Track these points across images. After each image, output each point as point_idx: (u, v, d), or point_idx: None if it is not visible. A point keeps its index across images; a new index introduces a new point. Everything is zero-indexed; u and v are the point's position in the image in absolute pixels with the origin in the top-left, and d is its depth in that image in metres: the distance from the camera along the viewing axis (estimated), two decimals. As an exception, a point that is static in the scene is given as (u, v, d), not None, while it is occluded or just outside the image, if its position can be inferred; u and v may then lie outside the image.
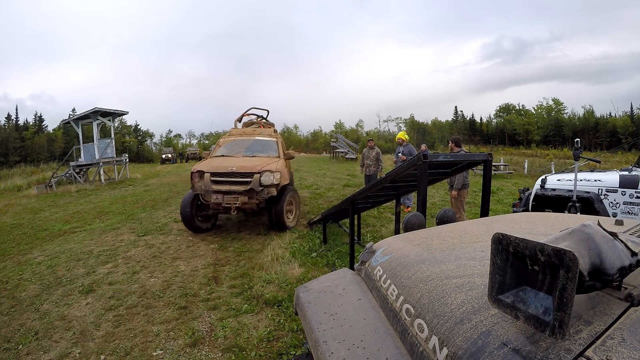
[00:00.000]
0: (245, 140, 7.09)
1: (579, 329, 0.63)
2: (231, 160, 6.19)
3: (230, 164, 5.81)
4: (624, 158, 22.27)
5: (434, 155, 2.69)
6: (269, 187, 5.50)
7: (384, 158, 9.12)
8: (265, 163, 5.83)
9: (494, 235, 0.63)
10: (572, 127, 52.14)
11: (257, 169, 5.56)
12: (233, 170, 5.57)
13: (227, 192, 5.43)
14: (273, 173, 5.57)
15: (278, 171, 5.65)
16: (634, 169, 4.44)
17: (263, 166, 5.65)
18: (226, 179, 5.55)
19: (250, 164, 5.74)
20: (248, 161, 6.01)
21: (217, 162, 6.14)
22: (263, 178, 5.45)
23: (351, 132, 58.58)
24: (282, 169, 5.82)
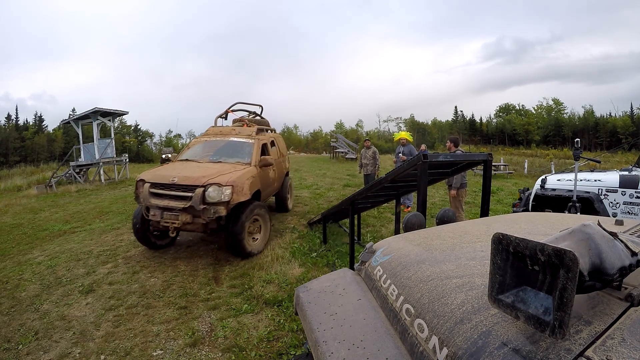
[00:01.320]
0: (218, 142, 5.95)
1: (579, 329, 0.63)
2: (182, 167, 5.07)
3: (175, 172, 4.65)
4: (624, 158, 22.27)
5: (434, 155, 2.69)
6: (216, 205, 4.21)
7: (381, 157, 9.13)
8: (217, 173, 4.55)
9: (494, 235, 0.63)
10: (572, 127, 52.14)
11: (201, 181, 4.28)
12: (174, 182, 4.36)
13: (165, 208, 4.28)
14: (222, 187, 4.23)
15: (230, 185, 4.30)
16: (634, 169, 4.44)
17: (211, 177, 4.35)
18: (166, 191, 4.39)
19: (197, 174, 4.49)
20: (199, 169, 4.76)
21: (162, 169, 5.10)
22: (209, 193, 4.20)
23: (351, 132, 58.56)
24: (239, 181, 4.48)
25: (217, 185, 4.28)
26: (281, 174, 6.96)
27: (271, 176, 6.03)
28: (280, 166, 6.91)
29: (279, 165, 6.76)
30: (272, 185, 6.14)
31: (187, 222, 4.26)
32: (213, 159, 5.46)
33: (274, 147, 6.73)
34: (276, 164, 6.37)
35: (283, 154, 7.39)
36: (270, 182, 6.02)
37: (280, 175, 6.83)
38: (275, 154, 6.63)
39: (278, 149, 6.99)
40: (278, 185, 6.81)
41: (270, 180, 6.01)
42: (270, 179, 5.96)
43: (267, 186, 5.75)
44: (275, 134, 7.53)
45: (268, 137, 6.46)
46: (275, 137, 7.09)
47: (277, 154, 6.84)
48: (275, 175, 6.37)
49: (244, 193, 4.49)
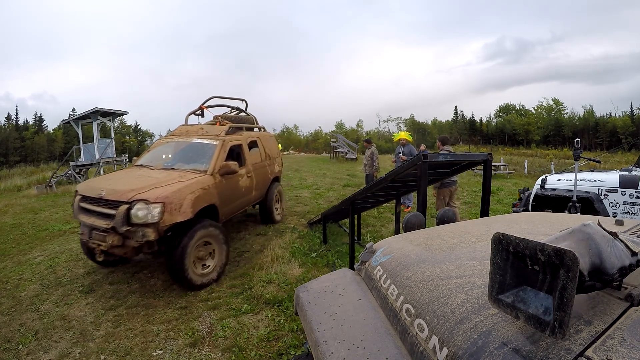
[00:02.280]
0: (180, 144, 5.15)
1: (579, 328, 0.63)
2: (121, 176, 4.37)
3: (107, 183, 3.91)
4: (624, 158, 22.27)
5: (434, 155, 2.69)
6: (144, 227, 3.35)
7: (381, 157, 9.20)
8: (151, 185, 3.68)
9: (494, 235, 0.63)
10: (572, 127, 52.14)
11: (127, 196, 3.44)
12: (101, 196, 3.62)
13: (92, 226, 3.58)
14: (149, 205, 3.35)
15: (159, 202, 3.38)
16: (634, 169, 4.44)
17: (139, 192, 3.50)
18: (93, 207, 3.67)
19: (127, 187, 3.65)
20: (135, 180, 3.93)
21: (99, 179, 4.49)
22: (135, 212, 3.33)
23: (351, 132, 58.59)
24: (175, 197, 3.54)
25: (144, 202, 3.36)
26: (264, 179, 5.96)
27: (243, 185, 5.06)
28: (264, 171, 5.94)
29: (261, 170, 5.82)
30: (245, 195, 5.17)
31: (116, 244, 3.38)
32: (167, 166, 4.63)
33: (255, 148, 5.83)
34: (255, 168, 5.54)
35: (271, 156, 6.38)
36: (242, 192, 5.04)
37: (262, 182, 5.85)
38: (257, 157, 5.80)
39: (263, 151, 6.08)
40: (260, 194, 5.83)
41: (242, 190, 5.04)
42: (240, 189, 4.98)
43: (233, 198, 4.77)
44: (263, 133, 6.50)
45: (245, 137, 5.46)
46: (259, 137, 6.09)
47: (262, 156, 6.00)
48: (253, 183, 5.41)
49: (181, 212, 3.54)
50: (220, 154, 4.62)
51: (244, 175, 5.11)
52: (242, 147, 5.32)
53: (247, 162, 5.32)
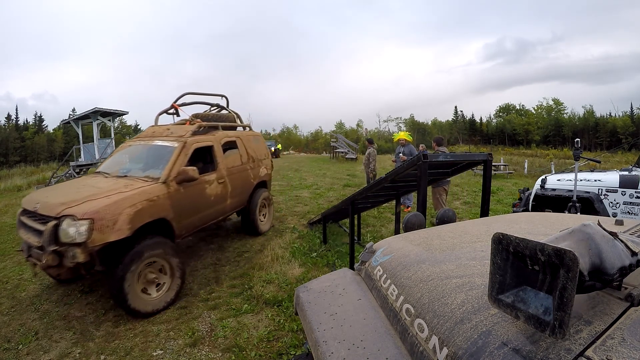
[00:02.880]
0: (141, 147, 4.63)
1: (579, 328, 0.63)
2: (67, 186, 3.89)
3: (44, 195, 3.55)
4: (624, 158, 22.26)
5: (434, 155, 2.70)
6: (74, 246, 2.88)
7: (381, 157, 9.27)
8: (85, 197, 3.19)
9: (494, 235, 0.63)
10: (572, 127, 52.14)
11: (57, 210, 3.02)
12: (36, 209, 3.23)
13: (28, 243, 3.18)
14: (77, 222, 2.89)
15: (88, 218, 2.90)
16: (634, 169, 4.44)
17: (70, 205, 3.04)
18: (30, 221, 3.30)
19: (61, 199, 3.21)
20: (74, 192, 3.43)
21: (41, 191, 4.05)
22: (63, 229, 2.90)
23: (351, 132, 58.60)
24: (107, 212, 3.02)
25: (72, 218, 2.91)
26: (245, 185, 5.25)
27: (212, 192, 4.42)
28: (244, 175, 5.23)
29: (241, 175, 5.14)
30: (216, 205, 4.52)
31: (51, 264, 2.92)
32: (122, 172, 4.11)
33: (233, 149, 5.17)
34: (232, 173, 4.88)
35: (255, 159, 5.61)
36: (211, 201, 4.39)
37: (242, 188, 5.16)
38: (236, 159, 5.12)
39: (245, 152, 5.38)
40: (239, 201, 5.15)
41: (211, 199, 4.39)
42: (208, 197, 4.34)
43: (197, 209, 4.13)
44: (246, 132, 5.79)
45: (218, 138, 4.83)
46: (240, 137, 5.40)
47: (243, 158, 5.30)
48: (227, 190, 4.73)
49: (115, 229, 3.01)
50: (178, 158, 3.98)
51: (213, 181, 4.45)
52: (214, 148, 4.67)
53: (220, 166, 4.66)
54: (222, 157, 4.77)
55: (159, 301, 3.33)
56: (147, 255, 3.24)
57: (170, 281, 3.48)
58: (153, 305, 3.27)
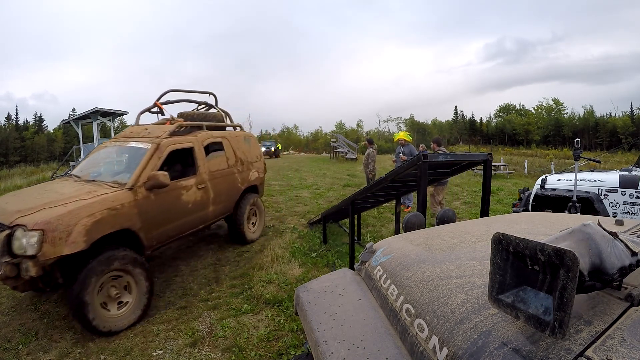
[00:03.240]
0: (115, 149, 4.34)
1: (579, 328, 0.63)
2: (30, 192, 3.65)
3: (4, 202, 3.32)
4: (624, 158, 22.26)
5: (434, 155, 2.70)
6: (26, 258, 2.64)
7: (381, 157, 9.30)
8: (41, 205, 2.94)
9: (494, 235, 0.63)
10: (572, 127, 52.18)
11: (10, 219, 2.79)
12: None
13: None
14: (27, 233, 2.64)
15: (38, 229, 2.65)
16: (634, 169, 4.44)
17: (25, 214, 2.81)
18: None
19: (18, 206, 3.00)
20: (35, 198, 3.21)
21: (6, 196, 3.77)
22: (15, 239, 2.67)
23: (351, 132, 58.64)
24: (61, 222, 2.75)
25: (23, 229, 2.67)
26: (231, 190, 4.85)
27: (190, 199, 4.04)
28: (230, 180, 4.83)
29: (226, 179, 4.74)
30: (195, 212, 4.14)
31: (9, 275, 2.68)
32: (92, 176, 3.84)
33: (219, 151, 4.78)
34: (215, 177, 4.50)
35: (244, 161, 5.21)
36: (188, 208, 4.03)
37: (227, 193, 4.77)
38: (221, 162, 4.73)
39: (232, 154, 4.98)
40: (223, 208, 4.75)
41: (188, 206, 4.02)
42: (185, 205, 3.97)
43: (171, 218, 3.78)
44: (234, 133, 5.35)
45: (200, 139, 4.44)
46: (227, 137, 4.99)
47: (230, 161, 4.90)
48: (209, 196, 4.36)
49: (69, 242, 2.73)
50: (150, 161, 3.63)
51: (191, 186, 4.07)
52: (195, 150, 4.28)
53: (201, 169, 4.28)
54: (204, 160, 4.38)
55: (122, 319, 3.03)
56: (105, 271, 2.92)
57: (136, 298, 3.16)
58: (116, 324, 2.98)
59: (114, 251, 3.04)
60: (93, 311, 2.83)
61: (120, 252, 3.07)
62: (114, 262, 3.00)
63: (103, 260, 2.92)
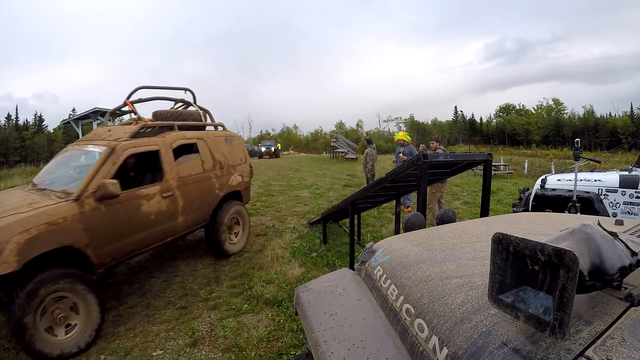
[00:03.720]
0: (74, 153, 4.01)
1: (579, 328, 0.63)
2: None
3: None
4: (624, 158, 22.26)
5: (434, 155, 2.70)
6: None
7: (381, 157, 9.32)
8: None
9: (494, 235, 0.63)
10: (572, 127, 52.20)
11: None
12: None
13: None
14: None
15: None
16: (634, 169, 4.44)
17: None
18: None
19: None
20: None
21: None
22: None
23: (351, 132, 58.65)
24: None
25: None
26: (206, 197, 4.32)
27: (152, 209, 3.58)
28: (205, 185, 4.32)
29: (200, 185, 4.22)
30: (159, 224, 3.67)
31: None
32: (45, 185, 3.52)
33: (193, 154, 4.27)
34: (186, 183, 4.00)
35: (224, 164, 4.67)
36: (150, 220, 3.57)
37: (201, 201, 4.24)
38: (195, 166, 4.21)
39: (210, 157, 4.46)
40: (198, 217, 4.23)
41: (150, 218, 3.56)
42: (146, 216, 3.52)
43: (128, 231, 3.35)
44: (213, 133, 4.79)
45: (168, 140, 3.93)
46: (203, 138, 4.47)
47: (207, 164, 4.38)
48: (178, 205, 3.87)
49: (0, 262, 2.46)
50: (102, 167, 3.22)
51: (154, 195, 3.59)
52: (160, 154, 3.80)
53: (168, 175, 3.81)
54: (171, 164, 3.89)
55: (70, 344, 2.75)
56: (44, 293, 2.62)
57: (85, 321, 2.85)
58: (63, 348, 2.70)
59: (55, 271, 2.70)
60: (35, 335, 2.57)
61: (60, 272, 2.72)
62: (54, 283, 2.67)
63: (41, 281, 2.61)
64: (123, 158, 3.42)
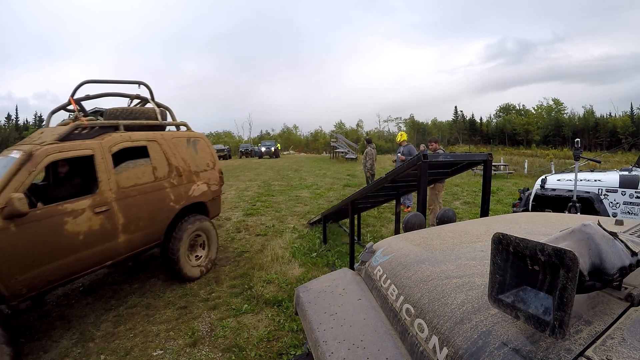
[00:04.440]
0: None
1: (579, 328, 0.63)
2: None
3: None
4: (624, 158, 22.26)
5: (434, 155, 2.70)
6: None
7: (381, 157, 9.34)
8: None
9: (494, 235, 0.63)
10: (572, 127, 52.20)
11: None
12: None
13: None
14: None
15: None
16: (634, 169, 4.44)
17: None
18: None
19: None
20: None
21: None
22: None
23: (351, 132, 58.65)
24: None
25: None
26: (158, 212, 3.64)
27: (83, 229, 2.96)
28: (157, 197, 3.64)
29: (148, 197, 3.54)
30: (95, 245, 3.06)
31: None
32: None
33: (142, 159, 3.59)
34: (130, 195, 3.37)
35: (183, 171, 3.97)
36: (77, 243, 2.93)
37: (152, 216, 3.57)
38: (144, 174, 3.56)
39: (164, 163, 3.77)
40: (149, 235, 3.58)
41: (78, 239, 2.93)
42: (72, 237, 2.90)
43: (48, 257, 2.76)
44: (173, 134, 4.06)
45: (107, 144, 3.29)
46: (157, 140, 3.78)
47: (160, 171, 3.71)
48: (117, 222, 3.23)
49: None
50: (15, 177, 2.68)
51: (82, 210, 2.97)
52: (96, 160, 3.16)
53: (104, 185, 3.17)
54: (109, 172, 3.24)
55: None
56: None
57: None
58: None
59: None
60: None
61: None
62: None
63: None
64: (43, 166, 2.84)
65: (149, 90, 4.51)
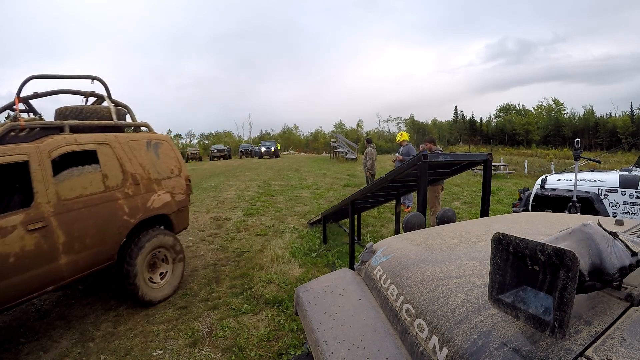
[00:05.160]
0: None
1: (579, 328, 0.63)
2: None
3: None
4: (624, 158, 22.26)
5: (434, 155, 2.70)
6: None
7: (381, 157, 9.34)
8: None
9: (494, 235, 0.63)
10: (572, 127, 52.22)
11: None
12: None
13: None
14: None
15: None
16: (634, 169, 4.44)
17: None
18: None
19: None
20: None
21: None
22: None
23: (351, 132, 58.65)
24: None
25: None
26: (108, 227, 3.12)
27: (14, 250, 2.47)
28: (107, 210, 3.11)
29: (95, 210, 3.02)
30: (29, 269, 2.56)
31: None
32: None
33: (90, 165, 3.08)
34: (73, 208, 2.85)
35: (140, 179, 3.45)
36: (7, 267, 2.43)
37: (100, 233, 3.05)
38: (93, 183, 3.05)
39: (117, 170, 3.27)
40: (99, 254, 3.06)
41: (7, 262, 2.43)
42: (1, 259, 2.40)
43: None
44: (128, 137, 3.53)
45: (45, 149, 2.77)
46: (109, 144, 3.27)
47: (110, 180, 3.18)
48: (56, 241, 2.73)
49: None
50: None
51: (12, 228, 2.49)
52: (31, 167, 2.67)
53: (41, 197, 2.68)
54: (47, 181, 2.74)
55: None
56: None
57: None
58: None
59: None
60: None
61: None
62: None
63: None
64: None
65: (105, 87, 3.94)
